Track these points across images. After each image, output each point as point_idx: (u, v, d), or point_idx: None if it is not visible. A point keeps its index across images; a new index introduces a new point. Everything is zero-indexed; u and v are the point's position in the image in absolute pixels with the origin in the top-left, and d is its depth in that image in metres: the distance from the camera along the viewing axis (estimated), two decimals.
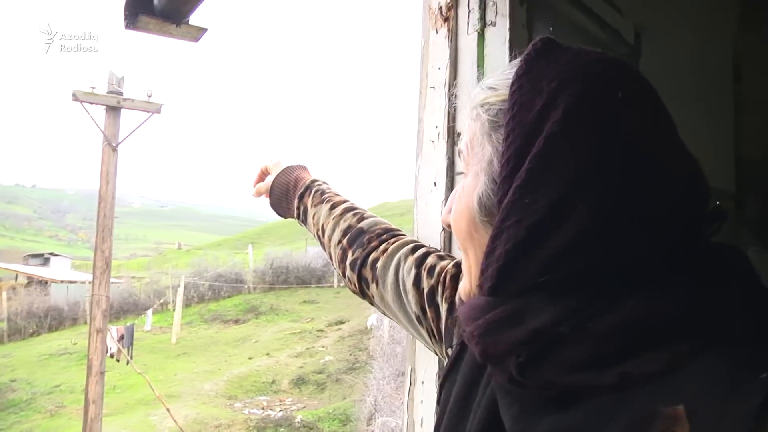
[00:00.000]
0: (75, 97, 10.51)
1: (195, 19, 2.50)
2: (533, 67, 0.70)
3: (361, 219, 1.32)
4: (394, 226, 1.32)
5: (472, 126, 0.76)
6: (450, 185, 1.32)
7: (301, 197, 1.46)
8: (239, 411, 14.54)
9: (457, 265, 1.09)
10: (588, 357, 0.60)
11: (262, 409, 14.67)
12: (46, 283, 29.52)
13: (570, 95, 0.65)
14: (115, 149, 10.63)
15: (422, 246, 1.22)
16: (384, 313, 1.27)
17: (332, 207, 1.37)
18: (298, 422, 13.44)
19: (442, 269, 1.11)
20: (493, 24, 1.32)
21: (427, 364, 1.32)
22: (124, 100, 10.80)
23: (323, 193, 1.42)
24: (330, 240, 1.34)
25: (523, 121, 0.66)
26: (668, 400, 0.54)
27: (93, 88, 10.66)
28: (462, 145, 0.78)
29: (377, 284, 1.22)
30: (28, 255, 45.45)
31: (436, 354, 1.16)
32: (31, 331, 25.37)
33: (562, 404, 0.60)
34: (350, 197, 1.41)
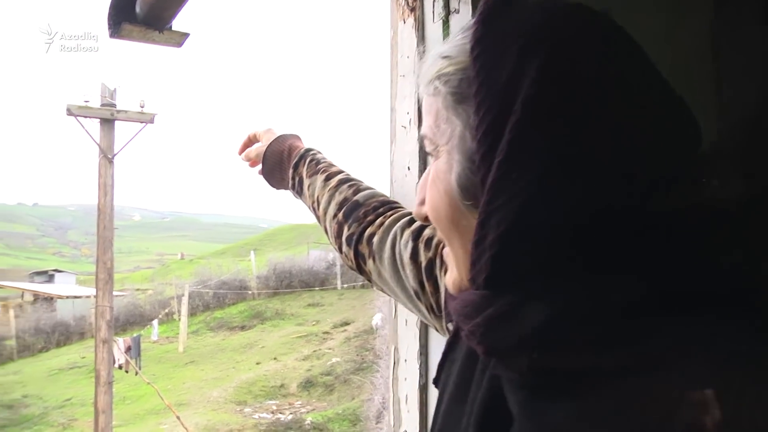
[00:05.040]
0: (69, 112, 10.61)
1: (177, 24, 2.54)
2: (493, 26, 0.62)
3: (357, 191, 1.25)
4: (391, 199, 1.26)
5: (431, 103, 0.68)
6: (423, 168, 1.35)
7: (296, 167, 1.37)
8: (249, 416, 14.59)
9: None
10: (601, 340, 0.54)
11: (272, 413, 14.72)
12: (52, 299, 29.62)
13: (543, 51, 0.58)
14: (111, 161, 10.70)
15: None
16: (382, 290, 1.21)
17: (327, 178, 1.30)
18: (308, 424, 13.49)
19: (440, 241, 1.03)
20: (457, 11, 1.35)
21: (408, 343, 1.36)
22: (118, 111, 10.88)
23: (318, 162, 1.35)
24: (326, 213, 1.27)
25: (495, 88, 0.59)
26: (695, 383, 0.48)
27: (86, 101, 10.74)
28: (425, 128, 0.69)
29: (374, 260, 1.15)
30: (33, 272, 45.50)
31: (437, 329, 1.10)
32: (39, 347, 25.57)
33: (575, 389, 0.55)
34: (346, 168, 1.35)
